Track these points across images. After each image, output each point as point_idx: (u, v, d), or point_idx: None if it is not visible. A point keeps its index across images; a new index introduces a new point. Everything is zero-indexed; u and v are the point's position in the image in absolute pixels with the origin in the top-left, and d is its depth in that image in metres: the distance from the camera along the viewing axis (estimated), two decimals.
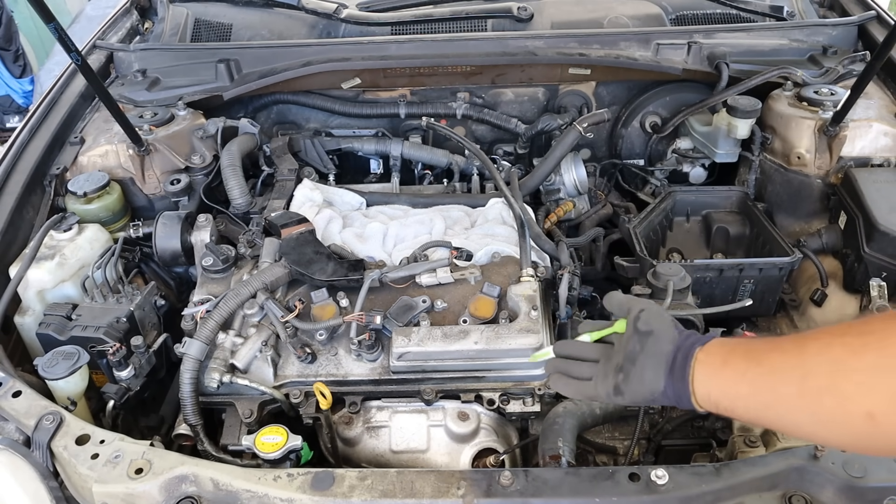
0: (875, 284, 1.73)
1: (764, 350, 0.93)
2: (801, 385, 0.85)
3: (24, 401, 1.39)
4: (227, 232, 1.98)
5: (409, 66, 2.37)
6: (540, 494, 1.19)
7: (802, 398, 0.85)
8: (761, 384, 0.90)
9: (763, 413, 0.92)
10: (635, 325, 1.06)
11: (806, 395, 0.85)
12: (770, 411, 0.90)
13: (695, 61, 2.28)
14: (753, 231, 2.08)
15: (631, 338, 1.06)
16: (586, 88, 2.48)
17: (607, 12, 2.55)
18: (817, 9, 2.59)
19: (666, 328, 1.04)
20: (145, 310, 1.72)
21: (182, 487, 1.24)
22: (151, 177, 2.08)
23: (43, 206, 1.96)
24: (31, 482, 1.32)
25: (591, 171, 2.39)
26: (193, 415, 1.50)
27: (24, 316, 1.73)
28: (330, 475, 1.23)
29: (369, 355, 1.54)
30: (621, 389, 1.04)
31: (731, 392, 0.94)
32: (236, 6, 2.69)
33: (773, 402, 0.89)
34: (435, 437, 1.53)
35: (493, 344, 1.50)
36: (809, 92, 2.14)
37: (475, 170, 2.25)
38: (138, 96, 2.29)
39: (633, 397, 1.04)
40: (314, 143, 2.29)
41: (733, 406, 0.95)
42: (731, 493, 1.18)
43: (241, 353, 1.55)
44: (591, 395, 1.11)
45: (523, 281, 1.64)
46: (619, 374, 1.05)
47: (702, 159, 2.37)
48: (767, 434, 1.48)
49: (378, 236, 1.85)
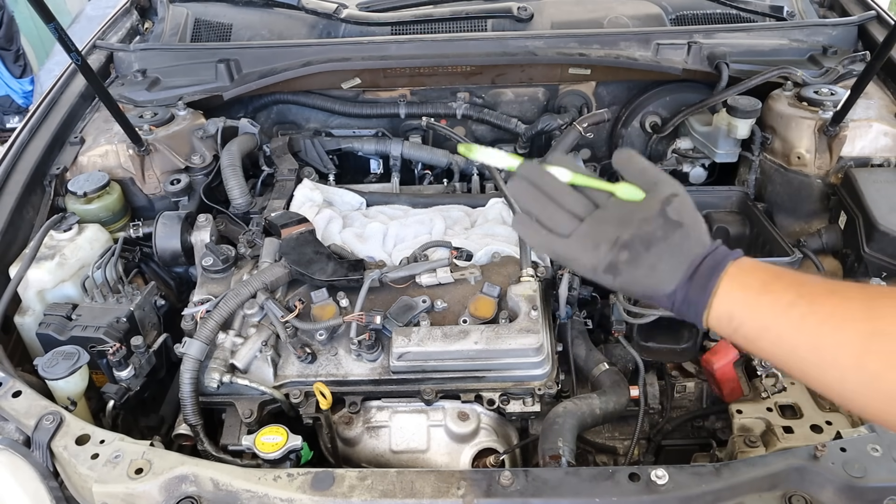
0: (875, 284, 1.73)
1: (819, 291, 0.81)
2: (866, 345, 0.74)
3: (24, 401, 1.39)
4: (227, 232, 1.98)
5: (409, 66, 2.37)
6: (540, 494, 1.19)
7: (864, 360, 0.74)
8: (809, 328, 0.79)
9: (796, 359, 0.81)
10: (664, 209, 0.89)
11: (870, 360, 0.74)
12: (809, 361, 0.80)
13: (695, 61, 2.28)
14: (753, 231, 2.08)
15: (654, 219, 0.89)
16: (586, 88, 2.48)
17: (607, 12, 2.55)
18: (817, 9, 2.59)
19: (700, 226, 0.89)
20: (145, 310, 1.71)
21: (182, 487, 1.24)
22: (151, 177, 2.08)
23: (43, 206, 1.96)
24: (31, 482, 1.32)
25: (591, 172, 2.38)
26: (193, 415, 1.50)
27: (24, 316, 1.73)
28: (330, 475, 1.23)
29: (369, 355, 1.54)
30: (619, 270, 0.89)
31: (763, 322, 0.83)
32: (236, 6, 2.69)
33: (818, 352, 0.78)
34: (435, 437, 1.53)
35: (493, 344, 1.50)
36: (809, 92, 2.14)
37: (475, 170, 2.26)
38: (138, 96, 2.29)
39: (631, 285, 0.90)
40: (314, 143, 2.29)
41: (758, 337, 0.84)
42: (731, 493, 1.18)
43: (241, 353, 1.55)
44: (563, 255, 0.93)
45: (523, 281, 1.64)
46: (623, 251, 0.88)
47: (702, 159, 2.37)
48: (767, 434, 1.48)
49: (378, 236, 1.85)
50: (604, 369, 1.64)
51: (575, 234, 0.91)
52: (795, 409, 1.54)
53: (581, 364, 1.69)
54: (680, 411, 1.74)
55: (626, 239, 0.89)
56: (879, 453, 1.20)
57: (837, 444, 1.23)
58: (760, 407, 1.55)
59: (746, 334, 0.85)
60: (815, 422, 1.49)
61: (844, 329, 0.77)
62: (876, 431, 1.25)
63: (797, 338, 0.80)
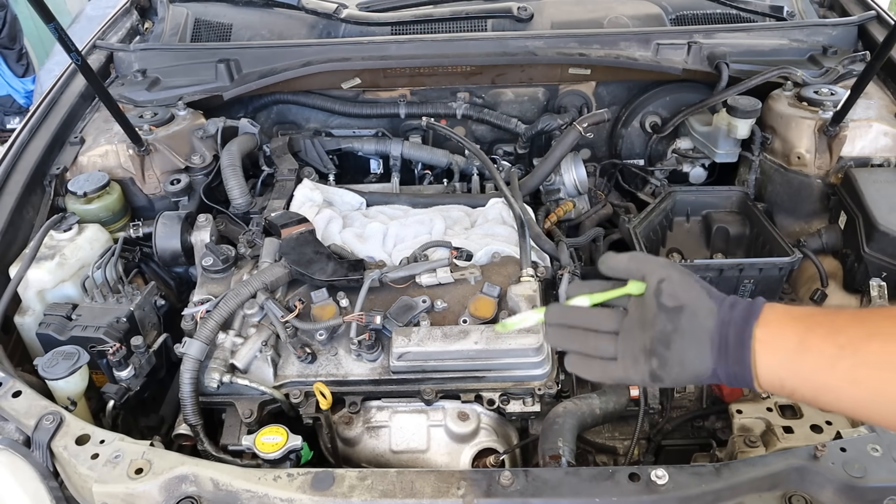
0: (875, 284, 1.73)
1: (856, 336, 0.80)
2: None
3: (24, 401, 1.39)
4: (227, 232, 1.98)
5: (409, 66, 2.37)
6: (540, 494, 1.19)
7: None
8: (863, 379, 0.78)
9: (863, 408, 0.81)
10: (658, 301, 0.90)
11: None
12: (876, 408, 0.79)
13: (695, 61, 2.28)
14: (753, 231, 2.08)
15: (657, 315, 0.89)
16: (586, 88, 2.48)
17: (607, 12, 2.55)
18: (817, 9, 2.59)
19: (699, 300, 0.89)
20: (145, 310, 1.72)
21: (182, 487, 1.24)
22: (151, 177, 2.08)
23: (43, 206, 1.96)
24: (31, 482, 1.32)
25: (591, 171, 2.39)
26: (193, 415, 1.50)
27: (24, 316, 1.73)
28: (330, 475, 1.23)
29: (369, 355, 1.54)
30: (659, 376, 0.90)
31: (814, 383, 0.82)
32: (236, 6, 2.69)
33: (881, 400, 0.78)
34: (435, 437, 1.53)
35: (493, 344, 1.50)
36: (809, 92, 2.14)
37: (475, 170, 2.26)
38: (138, 96, 2.29)
39: (677, 382, 0.91)
40: (314, 143, 2.29)
41: (816, 397, 0.83)
42: (731, 493, 1.18)
43: (241, 353, 1.54)
44: (621, 378, 0.94)
45: (523, 281, 1.64)
46: (653, 358, 0.90)
47: (702, 159, 2.37)
48: (767, 434, 1.48)
49: (378, 236, 1.85)
50: None
51: (619, 354, 0.93)
52: (795, 409, 1.54)
53: None
54: (680, 411, 1.74)
55: (650, 346, 0.90)
56: (879, 453, 1.20)
57: (837, 444, 1.23)
58: (760, 407, 1.55)
59: (804, 396, 0.85)
60: (815, 422, 1.49)
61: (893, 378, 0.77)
62: (876, 431, 1.25)
63: (854, 391, 0.80)
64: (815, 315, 0.85)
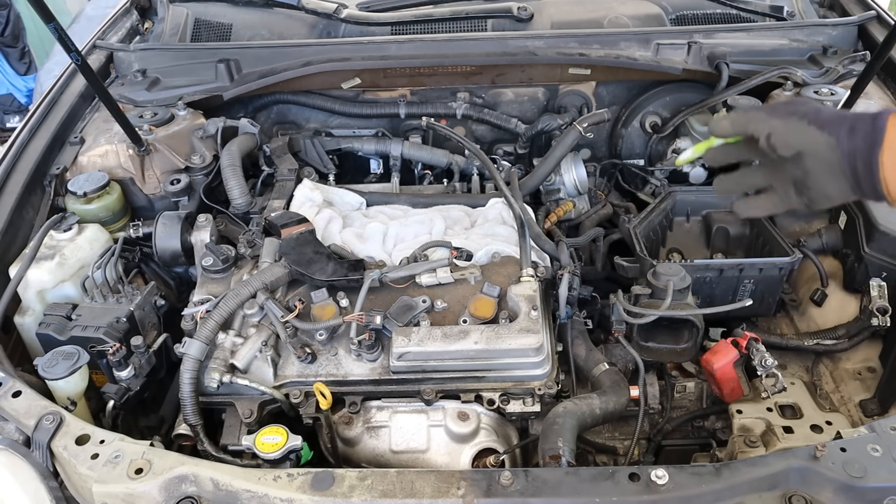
0: (875, 284, 1.73)
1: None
2: None
3: (24, 401, 1.39)
4: (227, 232, 1.98)
5: (409, 66, 2.37)
6: (540, 494, 1.19)
7: None
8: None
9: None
10: (777, 153, 0.92)
11: None
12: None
13: (695, 61, 2.28)
14: (753, 231, 2.08)
15: (784, 164, 0.92)
16: (586, 88, 2.48)
17: (607, 12, 2.55)
18: (817, 9, 2.59)
19: (813, 139, 0.89)
20: (145, 310, 1.72)
21: (182, 487, 1.24)
22: (151, 177, 2.08)
23: (43, 206, 1.96)
24: (31, 482, 1.32)
25: (591, 171, 2.38)
26: (193, 415, 1.50)
27: (24, 316, 1.73)
28: (330, 475, 1.23)
29: (369, 355, 1.54)
30: (815, 206, 0.95)
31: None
32: (236, 6, 2.69)
33: None
34: (435, 437, 1.53)
35: (493, 344, 1.50)
36: (809, 92, 2.14)
37: (475, 170, 2.25)
38: (138, 96, 2.29)
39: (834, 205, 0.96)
40: (314, 143, 2.29)
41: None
42: (731, 493, 1.18)
43: (241, 353, 1.55)
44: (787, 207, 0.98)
45: (523, 281, 1.64)
46: (801, 196, 0.93)
47: (702, 159, 2.36)
48: (767, 434, 1.48)
49: (378, 236, 1.85)
50: (604, 369, 1.64)
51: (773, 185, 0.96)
52: (795, 409, 1.54)
53: (581, 364, 1.69)
54: (680, 411, 1.74)
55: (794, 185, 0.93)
56: (879, 453, 1.20)
57: (837, 444, 1.23)
58: (760, 407, 1.55)
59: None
60: (815, 422, 1.49)
61: None
62: (876, 432, 1.25)
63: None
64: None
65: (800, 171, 0.90)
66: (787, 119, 0.92)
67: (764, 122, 0.93)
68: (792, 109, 0.93)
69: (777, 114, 0.93)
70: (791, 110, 0.93)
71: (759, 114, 0.95)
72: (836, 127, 0.89)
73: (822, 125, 0.89)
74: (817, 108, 0.92)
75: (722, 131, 0.99)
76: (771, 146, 0.91)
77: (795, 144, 0.90)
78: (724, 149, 1.02)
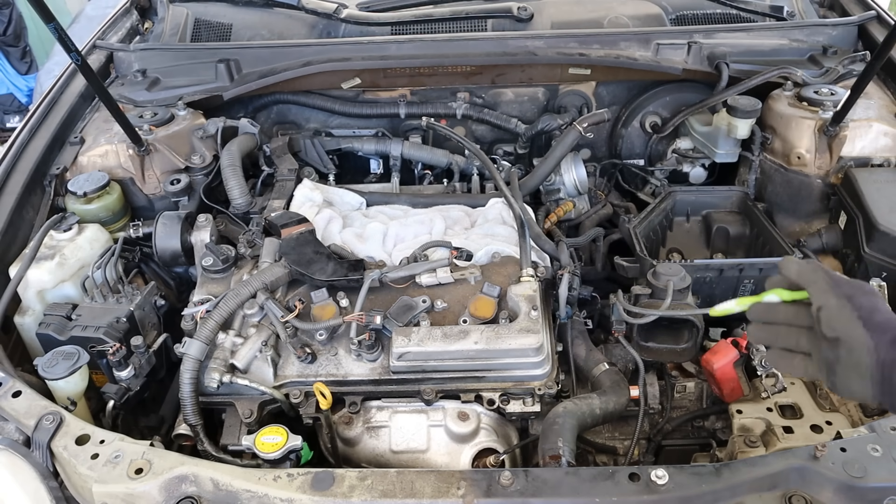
0: (875, 284, 1.72)
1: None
2: None
3: (24, 401, 1.39)
4: (227, 232, 1.98)
5: (409, 66, 2.37)
6: (540, 494, 1.19)
7: None
8: None
9: None
10: (819, 327, 0.92)
11: None
12: None
13: (695, 61, 2.28)
14: (753, 231, 2.08)
15: (821, 341, 0.92)
16: (586, 88, 2.48)
17: (607, 12, 2.55)
18: (817, 9, 2.59)
19: (855, 333, 0.89)
20: (145, 310, 1.72)
21: (182, 487, 1.24)
22: (151, 177, 2.08)
23: (43, 206, 1.96)
24: (31, 482, 1.32)
25: (591, 171, 2.38)
26: (193, 415, 1.50)
27: (24, 316, 1.73)
28: (330, 475, 1.23)
29: (369, 355, 1.54)
30: (835, 392, 0.95)
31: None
32: (236, 6, 2.69)
33: None
34: (435, 437, 1.53)
35: (493, 344, 1.50)
36: (809, 92, 2.14)
37: (475, 170, 2.25)
38: (138, 96, 2.29)
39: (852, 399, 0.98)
40: (314, 143, 2.29)
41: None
42: (731, 493, 1.18)
43: (241, 353, 1.54)
44: (816, 377, 0.97)
45: (523, 281, 1.64)
46: (830, 375, 0.93)
47: (702, 159, 2.37)
48: (767, 434, 1.48)
49: (378, 236, 1.85)
50: (604, 369, 1.64)
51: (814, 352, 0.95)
52: (795, 409, 1.54)
53: (581, 364, 1.69)
54: (680, 411, 1.74)
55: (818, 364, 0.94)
56: (879, 453, 1.20)
57: (837, 444, 1.23)
58: (760, 407, 1.55)
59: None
60: (815, 422, 1.49)
61: None
62: (876, 432, 1.25)
63: None
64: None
65: (833, 356, 0.90)
66: (842, 302, 0.91)
67: (823, 294, 0.92)
68: (851, 293, 0.92)
69: (837, 290, 0.92)
70: (850, 294, 0.92)
71: (823, 283, 0.94)
72: (882, 333, 0.87)
73: (869, 325, 0.88)
74: (874, 307, 0.90)
75: (788, 272, 0.98)
76: (817, 318, 0.92)
77: (838, 329, 0.89)
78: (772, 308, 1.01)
